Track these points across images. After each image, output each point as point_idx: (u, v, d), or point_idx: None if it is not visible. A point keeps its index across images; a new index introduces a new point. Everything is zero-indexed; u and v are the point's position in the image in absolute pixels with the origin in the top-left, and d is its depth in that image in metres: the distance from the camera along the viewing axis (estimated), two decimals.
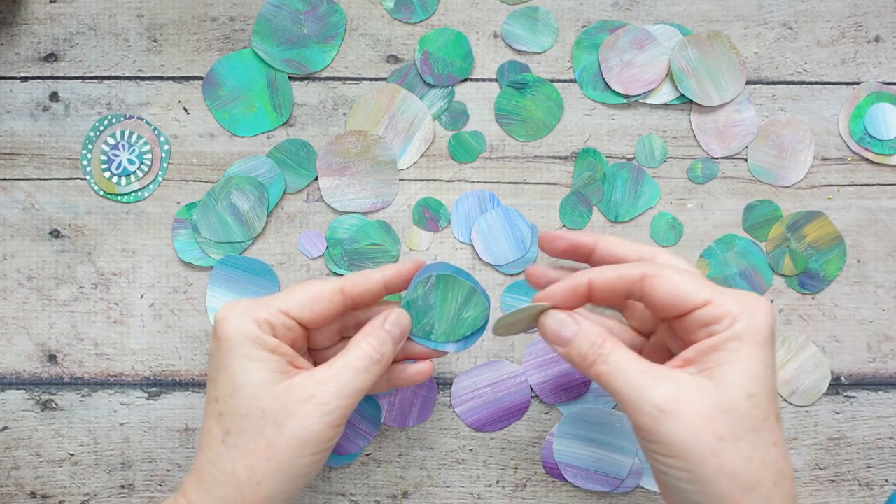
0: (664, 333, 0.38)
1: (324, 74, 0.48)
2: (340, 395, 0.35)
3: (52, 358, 0.48)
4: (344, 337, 0.41)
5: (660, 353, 0.38)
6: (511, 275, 0.48)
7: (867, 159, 0.48)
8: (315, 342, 0.40)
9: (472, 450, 0.48)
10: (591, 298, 0.36)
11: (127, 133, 0.48)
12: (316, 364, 0.41)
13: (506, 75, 0.48)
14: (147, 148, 0.48)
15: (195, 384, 0.48)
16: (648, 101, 0.48)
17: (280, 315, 0.36)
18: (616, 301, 0.36)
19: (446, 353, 0.40)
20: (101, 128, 0.48)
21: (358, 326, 0.40)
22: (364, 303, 0.39)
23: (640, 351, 0.39)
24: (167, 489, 0.47)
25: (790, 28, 0.49)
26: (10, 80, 0.48)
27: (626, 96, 0.48)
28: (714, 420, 0.32)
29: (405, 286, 0.40)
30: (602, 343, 0.34)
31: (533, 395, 0.48)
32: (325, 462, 0.37)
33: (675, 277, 0.34)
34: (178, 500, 0.36)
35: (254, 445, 0.34)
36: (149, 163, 0.48)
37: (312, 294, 0.37)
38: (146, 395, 0.48)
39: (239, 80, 0.48)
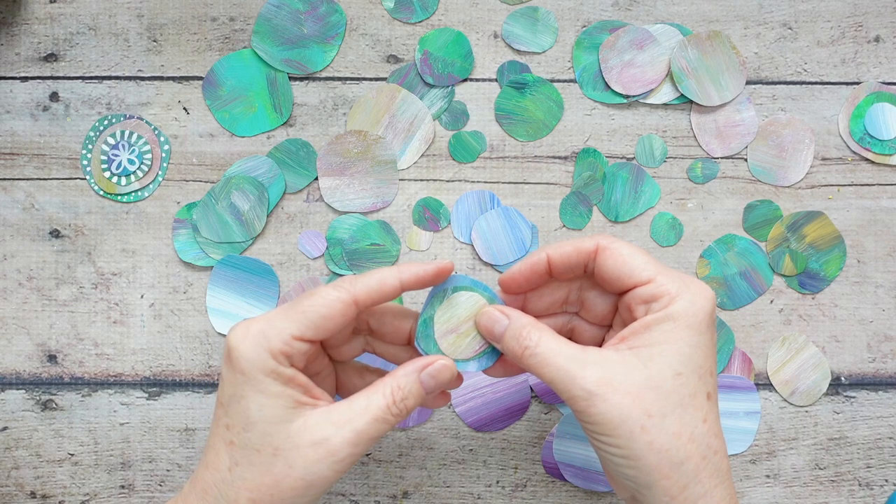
0: (618, 325, 0.39)
1: (324, 74, 0.48)
2: (353, 442, 0.34)
3: (52, 358, 0.48)
4: (357, 332, 0.40)
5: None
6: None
7: (867, 159, 0.48)
8: (328, 343, 0.39)
9: (472, 450, 0.48)
10: (551, 273, 0.37)
11: (127, 133, 0.48)
12: (331, 359, 0.40)
13: (506, 75, 0.48)
14: (147, 148, 0.48)
15: (195, 384, 0.48)
16: (648, 101, 0.48)
17: (294, 342, 0.35)
18: (574, 275, 0.38)
19: (468, 372, 0.38)
20: (101, 128, 0.48)
21: (370, 330, 0.40)
22: (379, 304, 0.37)
23: (599, 344, 0.39)
24: (167, 489, 0.47)
25: (790, 28, 0.49)
26: (10, 80, 0.48)
27: (626, 96, 0.48)
28: (642, 397, 0.33)
29: (424, 287, 0.38)
30: (527, 335, 0.35)
31: (533, 395, 0.48)
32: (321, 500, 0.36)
33: (625, 251, 0.36)
34: None
35: (260, 481, 0.34)
36: (149, 163, 0.48)
37: (324, 312, 0.35)
38: (146, 395, 0.48)
39: (239, 80, 0.48)
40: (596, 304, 0.39)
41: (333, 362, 0.41)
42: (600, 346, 0.39)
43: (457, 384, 0.39)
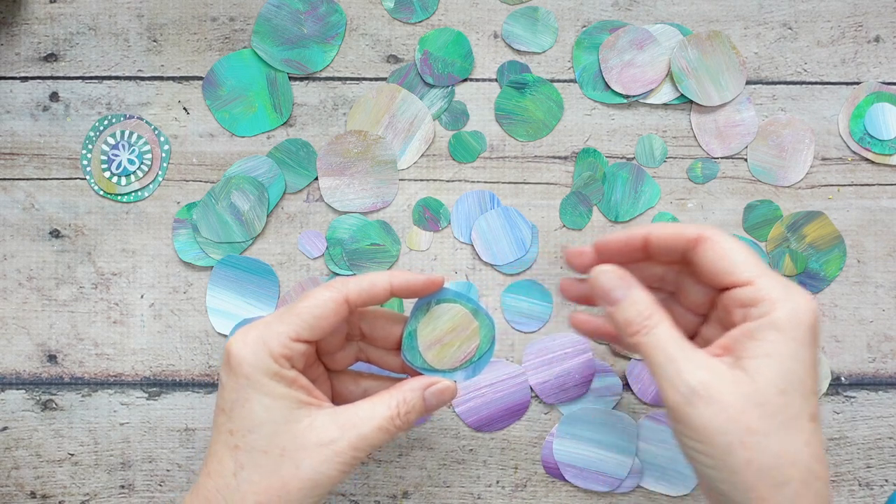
0: (714, 322, 0.38)
1: (324, 74, 0.48)
2: (357, 447, 0.35)
3: (52, 358, 0.48)
4: (349, 339, 0.41)
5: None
6: (511, 275, 0.48)
7: (867, 159, 0.48)
8: (321, 350, 0.40)
9: (472, 450, 0.48)
10: (646, 253, 0.36)
11: (127, 133, 0.48)
12: (327, 368, 0.40)
13: (506, 75, 0.48)
14: (147, 148, 0.48)
15: (195, 384, 0.48)
16: (648, 101, 0.48)
17: (292, 344, 0.35)
18: (670, 259, 0.36)
19: (456, 381, 0.39)
20: (101, 128, 0.48)
21: (363, 335, 0.40)
22: (369, 305, 0.38)
23: (692, 335, 0.39)
24: (167, 489, 0.47)
25: (790, 28, 0.49)
26: (10, 80, 0.48)
27: (626, 96, 0.48)
28: (746, 412, 0.32)
29: (413, 296, 0.39)
30: (650, 315, 0.34)
31: (533, 395, 0.48)
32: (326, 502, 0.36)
33: (727, 245, 0.34)
34: None
35: (267, 483, 0.34)
36: (149, 163, 0.48)
37: (318, 312, 0.36)
38: (146, 395, 0.48)
39: (239, 80, 0.48)
40: (692, 293, 0.38)
41: (328, 371, 0.41)
42: (693, 336, 0.38)
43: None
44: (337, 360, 0.40)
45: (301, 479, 0.34)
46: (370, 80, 0.49)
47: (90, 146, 0.48)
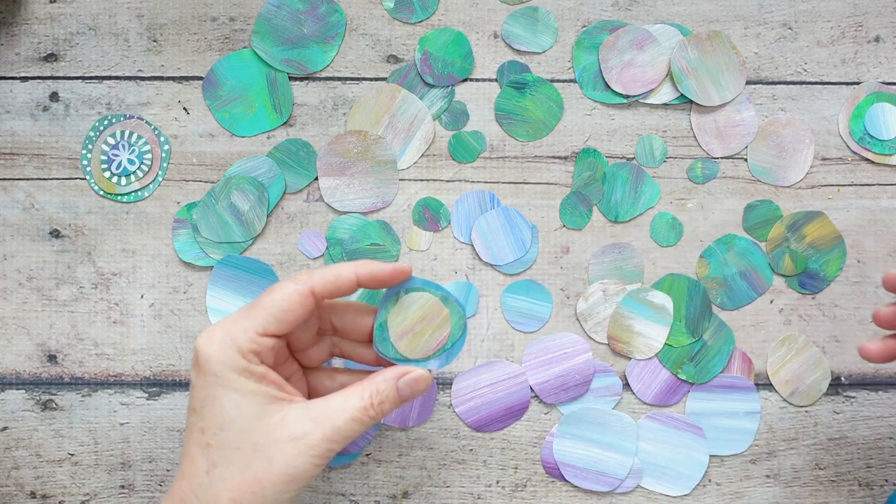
0: None
1: (324, 74, 0.48)
2: (331, 438, 0.35)
3: (52, 358, 0.48)
4: (322, 334, 0.41)
5: None
6: (511, 275, 0.48)
7: (867, 159, 0.48)
8: (294, 346, 0.39)
9: (472, 450, 0.48)
10: None
11: (127, 133, 0.48)
12: (301, 365, 0.40)
13: (506, 75, 0.48)
14: (147, 148, 0.48)
15: None
16: (648, 101, 0.48)
17: (259, 338, 0.35)
18: None
19: (430, 370, 0.39)
20: (101, 128, 0.48)
21: (335, 329, 0.40)
22: (336, 297, 0.38)
23: None
24: (167, 489, 0.47)
25: (790, 28, 0.49)
26: (10, 80, 0.48)
27: (626, 96, 0.48)
28: None
29: (380, 286, 0.38)
30: None
31: (533, 395, 0.48)
32: (301, 496, 0.36)
33: None
34: None
35: (241, 479, 0.34)
36: (149, 163, 0.48)
37: (284, 305, 0.36)
38: (146, 395, 0.48)
39: (239, 80, 0.48)
40: None
41: (304, 369, 0.41)
42: None
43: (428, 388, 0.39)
44: (311, 356, 0.40)
45: (275, 474, 0.34)
46: (370, 80, 0.49)
47: (90, 146, 0.48)
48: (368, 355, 0.41)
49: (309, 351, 0.40)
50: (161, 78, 0.48)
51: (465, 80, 0.48)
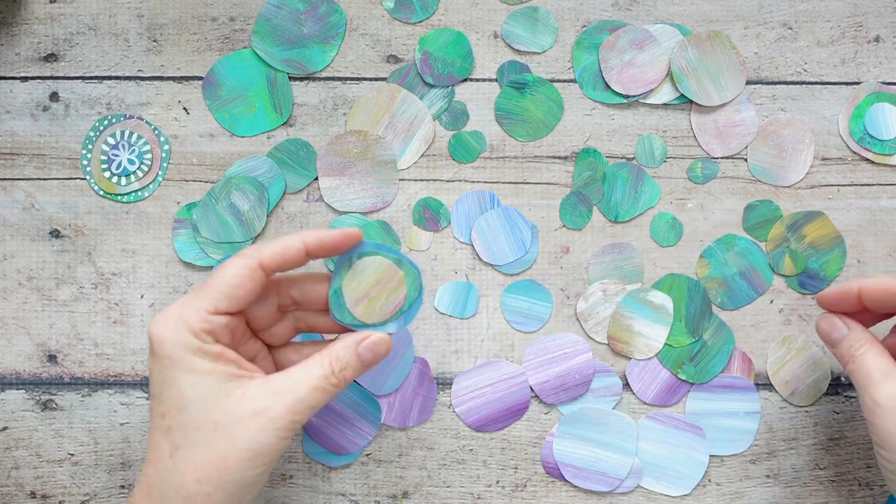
0: None
1: (324, 74, 0.48)
2: (293, 410, 0.35)
3: (52, 358, 0.48)
4: (283, 311, 0.40)
5: None
6: (511, 275, 0.48)
7: (867, 159, 0.48)
8: (256, 325, 0.39)
9: (472, 450, 0.48)
10: (861, 304, 0.40)
11: (127, 133, 0.48)
12: (266, 345, 0.40)
13: (506, 75, 0.48)
14: (147, 148, 0.48)
15: None
16: (648, 101, 0.48)
17: (211, 317, 0.35)
18: (885, 308, 0.40)
19: (389, 333, 0.39)
20: (101, 128, 0.48)
21: (296, 303, 0.40)
22: (287, 269, 0.38)
23: None
24: None
25: (790, 28, 0.49)
26: (10, 80, 0.48)
27: (626, 96, 0.48)
28: None
29: (330, 254, 0.38)
30: (859, 346, 0.39)
31: (533, 395, 0.48)
32: (270, 472, 0.36)
33: None
34: None
35: (204, 458, 0.34)
36: (149, 163, 0.48)
37: (233, 281, 0.36)
38: (146, 395, 0.48)
39: (239, 80, 0.48)
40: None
41: (271, 349, 0.41)
42: None
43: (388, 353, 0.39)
44: (275, 334, 0.40)
45: (238, 451, 0.34)
46: (370, 80, 0.49)
47: (90, 146, 0.48)
48: (336, 325, 0.40)
49: (272, 329, 0.40)
50: (161, 78, 0.48)
51: (465, 80, 0.48)
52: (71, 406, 0.47)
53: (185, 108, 0.48)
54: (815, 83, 0.49)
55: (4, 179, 0.48)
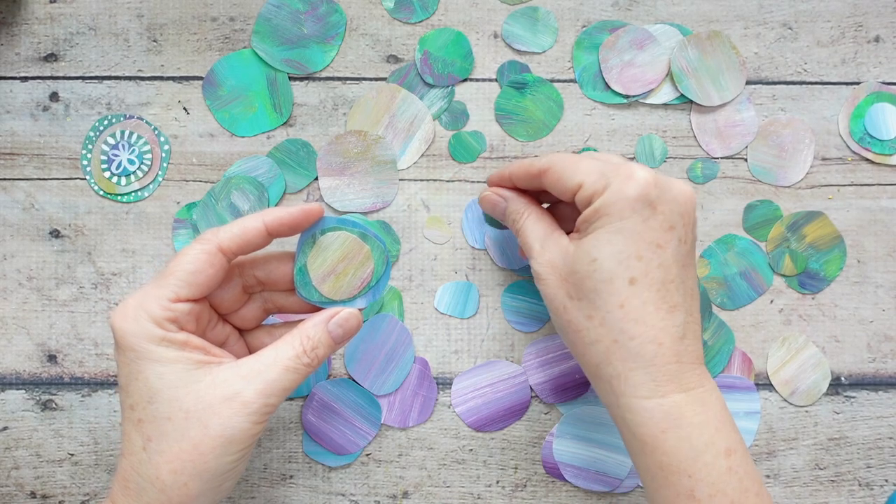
0: None
1: (324, 74, 0.48)
2: (266, 392, 0.34)
3: (52, 358, 0.48)
4: (250, 293, 0.40)
5: None
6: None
7: (867, 159, 0.48)
8: (222, 309, 0.39)
9: (472, 450, 0.48)
10: (512, 184, 0.42)
11: (127, 133, 0.48)
12: (238, 329, 0.40)
13: (506, 75, 0.48)
14: (147, 148, 0.48)
15: None
16: (648, 101, 0.48)
17: (173, 305, 0.35)
18: (530, 186, 0.41)
19: (359, 308, 0.38)
20: (101, 128, 0.48)
21: (261, 284, 0.39)
22: (249, 252, 0.37)
23: None
24: None
25: (790, 28, 0.49)
26: (10, 80, 0.48)
27: (626, 96, 0.48)
28: (566, 281, 0.37)
29: (291, 232, 0.37)
30: (519, 216, 0.40)
31: (533, 395, 0.48)
32: (249, 457, 0.36)
33: (559, 166, 0.38)
34: None
35: (178, 448, 0.34)
36: (149, 163, 0.48)
37: (192, 267, 0.35)
38: None
39: (239, 80, 0.48)
40: (566, 205, 0.42)
41: (243, 332, 0.40)
42: None
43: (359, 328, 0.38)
44: (244, 317, 0.40)
45: (212, 438, 0.34)
46: (370, 80, 0.49)
47: (90, 146, 0.48)
48: (301, 304, 0.40)
49: (240, 312, 0.39)
50: (161, 78, 0.48)
51: (465, 80, 0.48)
52: (71, 406, 0.47)
53: (185, 108, 0.48)
54: (815, 83, 0.49)
55: (4, 179, 0.48)
